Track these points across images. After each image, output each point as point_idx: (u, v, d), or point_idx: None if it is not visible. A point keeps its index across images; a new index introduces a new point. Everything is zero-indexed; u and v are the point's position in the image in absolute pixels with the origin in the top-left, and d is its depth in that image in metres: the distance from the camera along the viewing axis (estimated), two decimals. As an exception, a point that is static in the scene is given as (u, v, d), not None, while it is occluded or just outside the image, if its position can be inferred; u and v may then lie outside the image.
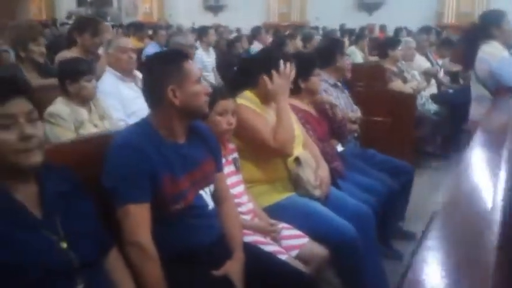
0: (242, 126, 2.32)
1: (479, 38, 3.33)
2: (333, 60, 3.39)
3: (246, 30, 13.04)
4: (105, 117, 3.03)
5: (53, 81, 3.05)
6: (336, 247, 2.29)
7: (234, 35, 11.35)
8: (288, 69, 2.44)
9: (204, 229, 1.88)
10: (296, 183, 2.50)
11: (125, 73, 3.34)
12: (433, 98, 5.47)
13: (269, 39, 8.35)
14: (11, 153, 1.32)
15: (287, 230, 2.29)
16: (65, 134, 2.78)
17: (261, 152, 2.44)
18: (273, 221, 2.27)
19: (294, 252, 2.21)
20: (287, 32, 10.85)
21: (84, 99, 2.92)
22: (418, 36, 5.85)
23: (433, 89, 5.69)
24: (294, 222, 2.35)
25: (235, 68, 2.40)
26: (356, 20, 14.13)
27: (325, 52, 3.37)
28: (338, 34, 10.11)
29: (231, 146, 2.36)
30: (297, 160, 2.48)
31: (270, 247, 2.12)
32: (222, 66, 5.95)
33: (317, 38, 6.58)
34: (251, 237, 2.12)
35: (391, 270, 2.76)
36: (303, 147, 2.62)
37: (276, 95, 2.43)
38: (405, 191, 3.32)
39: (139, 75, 3.49)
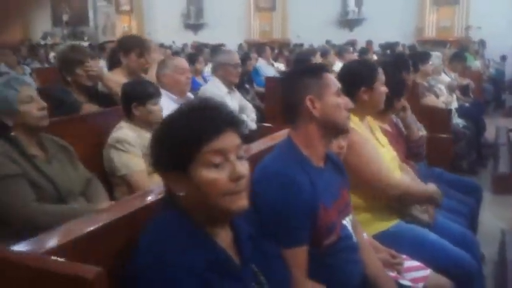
0: (353, 158, 2.14)
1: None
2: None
3: (229, 48, 12.92)
4: (168, 142, 2.82)
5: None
6: (456, 278, 2.13)
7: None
8: None
9: (353, 264, 1.72)
10: (402, 209, 2.34)
11: (181, 94, 3.13)
12: (457, 112, 5.43)
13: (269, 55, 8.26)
14: (219, 196, 1.12)
15: (407, 262, 2.12)
16: (133, 161, 2.58)
17: (363, 184, 2.26)
18: (394, 252, 2.10)
19: (420, 285, 2.05)
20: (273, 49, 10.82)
21: (150, 124, 2.70)
22: (439, 50, 5.82)
23: (454, 103, 5.65)
24: (406, 252, 2.18)
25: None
26: (337, 37, 14.19)
27: (390, 69, 3.23)
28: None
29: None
30: (402, 184, 2.33)
31: (405, 282, 1.96)
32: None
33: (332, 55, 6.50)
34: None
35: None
36: (400, 170, 2.47)
37: None
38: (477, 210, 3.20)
39: (191, 96, 3.30)
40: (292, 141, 1.68)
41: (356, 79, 2.36)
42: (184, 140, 1.12)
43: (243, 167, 1.16)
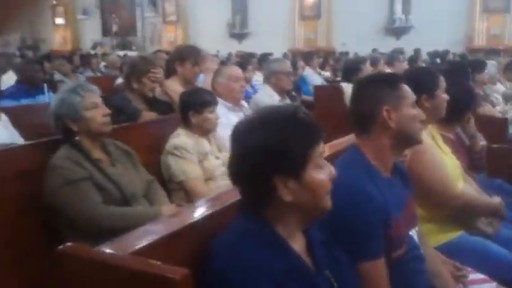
0: (416, 165, 2.09)
1: None
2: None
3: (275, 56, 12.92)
4: (223, 148, 2.85)
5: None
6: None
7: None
8: None
9: (420, 274, 1.70)
10: (467, 220, 2.27)
11: (235, 102, 3.16)
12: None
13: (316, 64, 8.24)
14: (323, 196, 1.20)
15: (472, 274, 2.06)
16: (190, 167, 2.61)
17: (425, 192, 2.21)
18: (458, 264, 2.04)
19: (485, 299, 1.98)
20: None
21: (207, 131, 2.75)
22: (493, 59, 5.66)
23: (510, 113, 5.47)
24: (471, 264, 2.12)
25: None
26: (384, 45, 13.96)
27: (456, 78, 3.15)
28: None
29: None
30: (466, 195, 2.26)
31: (470, 295, 1.90)
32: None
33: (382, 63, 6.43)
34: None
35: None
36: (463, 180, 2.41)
37: None
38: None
39: (245, 104, 3.33)
40: (359, 150, 1.66)
41: (417, 87, 2.31)
42: (302, 145, 1.17)
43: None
